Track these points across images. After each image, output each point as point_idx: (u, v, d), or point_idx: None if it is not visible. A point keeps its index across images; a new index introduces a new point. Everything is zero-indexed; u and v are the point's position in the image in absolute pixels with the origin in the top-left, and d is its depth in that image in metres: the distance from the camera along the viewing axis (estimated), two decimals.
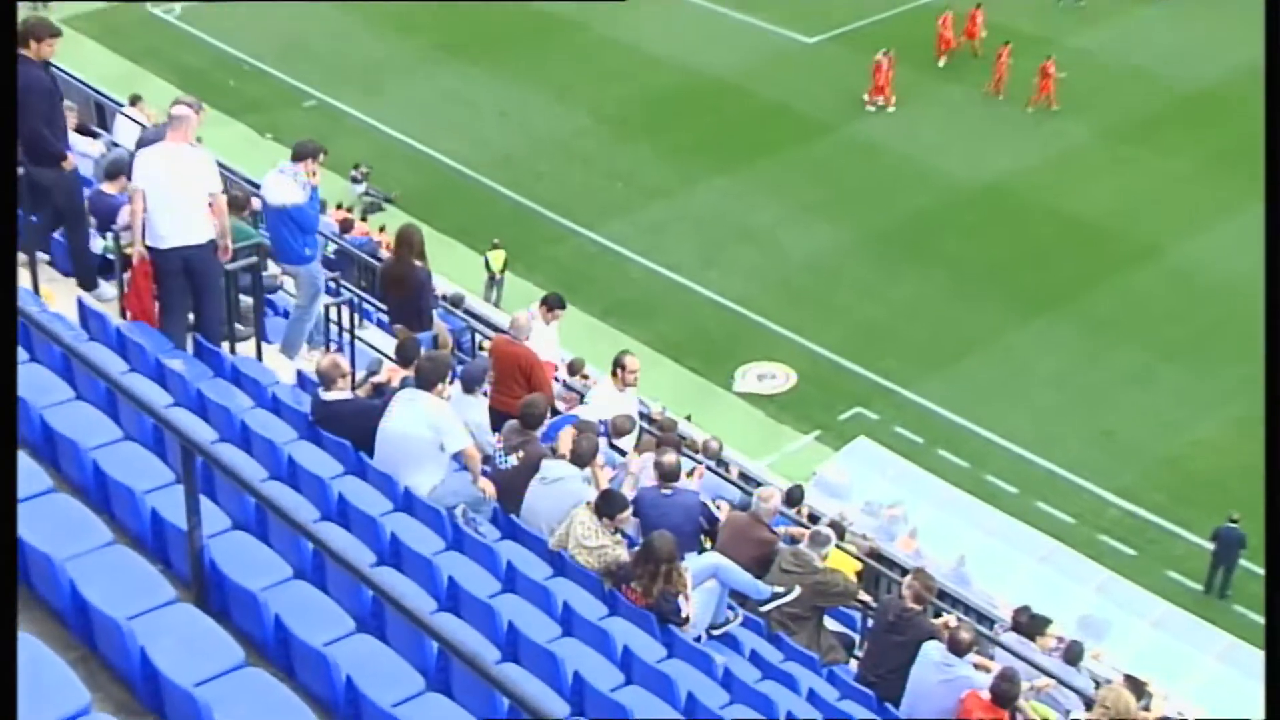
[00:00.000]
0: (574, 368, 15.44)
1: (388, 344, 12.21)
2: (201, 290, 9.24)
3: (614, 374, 11.33)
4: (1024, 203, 27.77)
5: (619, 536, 8.65)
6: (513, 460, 9.17)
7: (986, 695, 8.47)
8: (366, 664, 5.49)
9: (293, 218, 10.28)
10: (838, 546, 10.48)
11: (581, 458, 9.01)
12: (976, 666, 9.00)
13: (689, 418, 19.29)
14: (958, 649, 8.76)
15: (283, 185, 10.27)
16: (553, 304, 12.38)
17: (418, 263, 11.04)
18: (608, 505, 8.59)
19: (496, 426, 9.80)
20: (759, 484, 12.85)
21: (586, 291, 25.34)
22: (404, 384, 9.03)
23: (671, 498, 9.30)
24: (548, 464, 9.00)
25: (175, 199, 9.02)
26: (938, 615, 10.31)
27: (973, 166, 28.73)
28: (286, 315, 11.83)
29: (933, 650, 8.79)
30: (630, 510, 8.90)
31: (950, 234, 26.99)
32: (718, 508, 10.75)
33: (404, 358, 9.39)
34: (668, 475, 9.48)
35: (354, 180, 27.94)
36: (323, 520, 7.30)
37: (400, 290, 11.18)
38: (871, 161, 29.02)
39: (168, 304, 9.15)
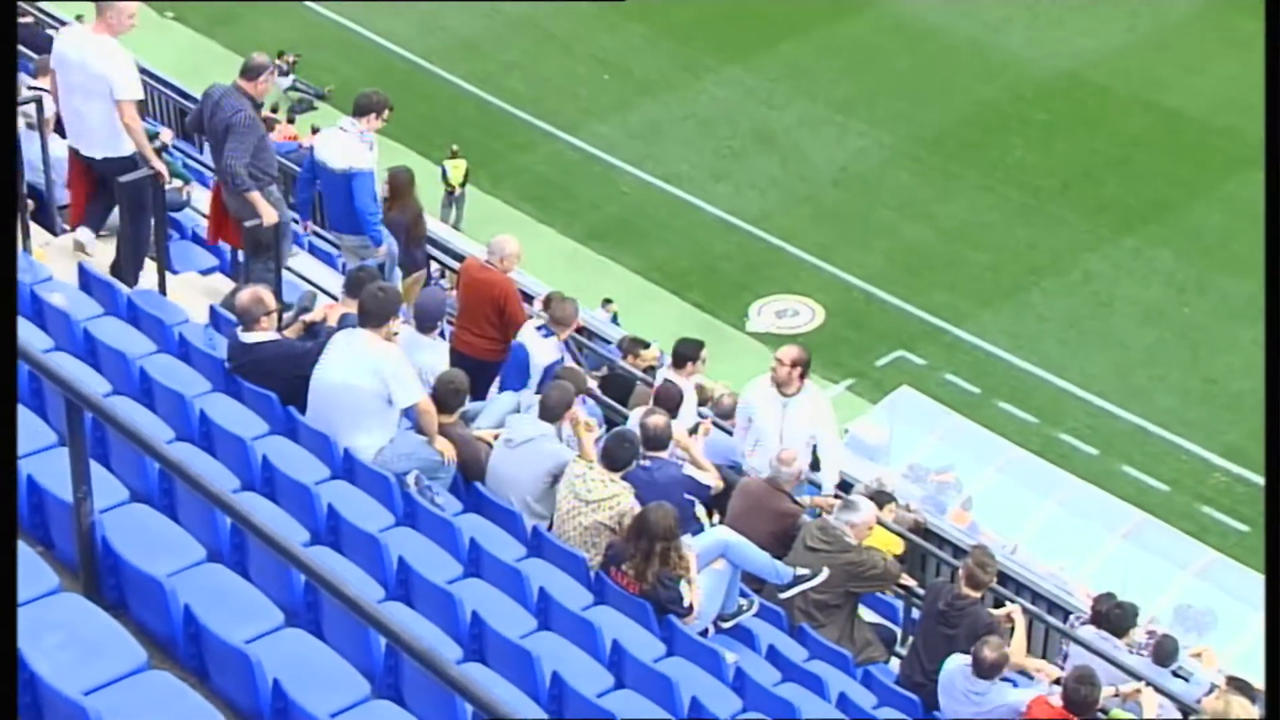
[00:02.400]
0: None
1: (323, 275, 12.18)
2: (123, 211, 9.50)
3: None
4: (1109, 95, 27.70)
5: (629, 485, 8.73)
6: None
7: (1057, 700, 8.56)
8: (298, 665, 5.53)
9: (362, 186, 10.78)
10: (876, 520, 10.52)
11: (550, 411, 9.04)
12: (1031, 673, 9.06)
13: None
14: (982, 670, 8.69)
15: (347, 146, 10.75)
16: (685, 356, 11.37)
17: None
18: (620, 449, 8.75)
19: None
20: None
21: (567, 209, 25.34)
22: (344, 322, 9.03)
23: (650, 472, 9.28)
24: (514, 421, 9.04)
25: (79, 98, 9.35)
26: (999, 604, 10.37)
27: (1045, 50, 28.61)
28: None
29: (956, 674, 8.81)
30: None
31: (1016, 135, 26.94)
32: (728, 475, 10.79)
33: (350, 290, 9.40)
34: (652, 442, 9.48)
35: (279, 73, 27.72)
36: (244, 490, 7.32)
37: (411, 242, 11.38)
38: (919, 46, 28.90)
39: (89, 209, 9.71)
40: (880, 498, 11.63)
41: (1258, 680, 13.27)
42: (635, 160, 26.47)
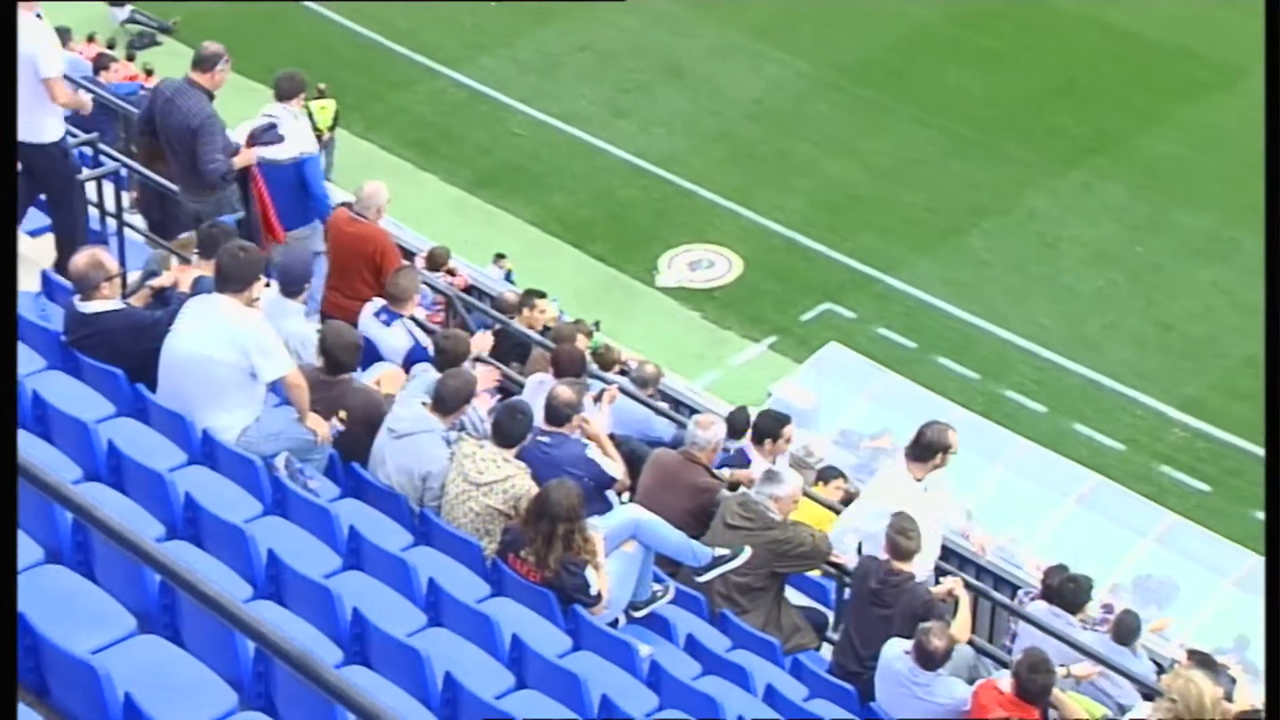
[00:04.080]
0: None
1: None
2: (51, 201, 9.88)
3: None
4: (1055, 15, 28.00)
5: (523, 465, 8.72)
6: (335, 427, 9.13)
7: (1007, 686, 8.67)
8: (154, 676, 5.50)
9: (313, 170, 11.13)
10: (803, 492, 10.60)
11: (444, 403, 8.96)
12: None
13: (597, 325, 19.33)
14: (928, 661, 8.73)
15: (290, 133, 11.01)
16: (765, 432, 10.94)
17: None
18: (512, 423, 8.73)
19: None
20: (693, 411, 12.92)
21: (452, 154, 25.21)
22: (198, 287, 8.94)
23: (548, 450, 9.28)
24: (402, 405, 8.97)
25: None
26: (942, 578, 10.48)
27: None
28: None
29: (896, 659, 8.90)
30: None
31: (953, 62, 27.15)
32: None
33: (205, 250, 9.32)
34: (553, 416, 9.46)
35: (118, 7, 27.30)
36: (87, 481, 7.25)
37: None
38: None
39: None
40: (801, 466, 11.72)
41: (1221, 653, 13.58)
42: (528, 98, 26.37)
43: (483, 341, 11.15)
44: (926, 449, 9.81)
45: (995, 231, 23.95)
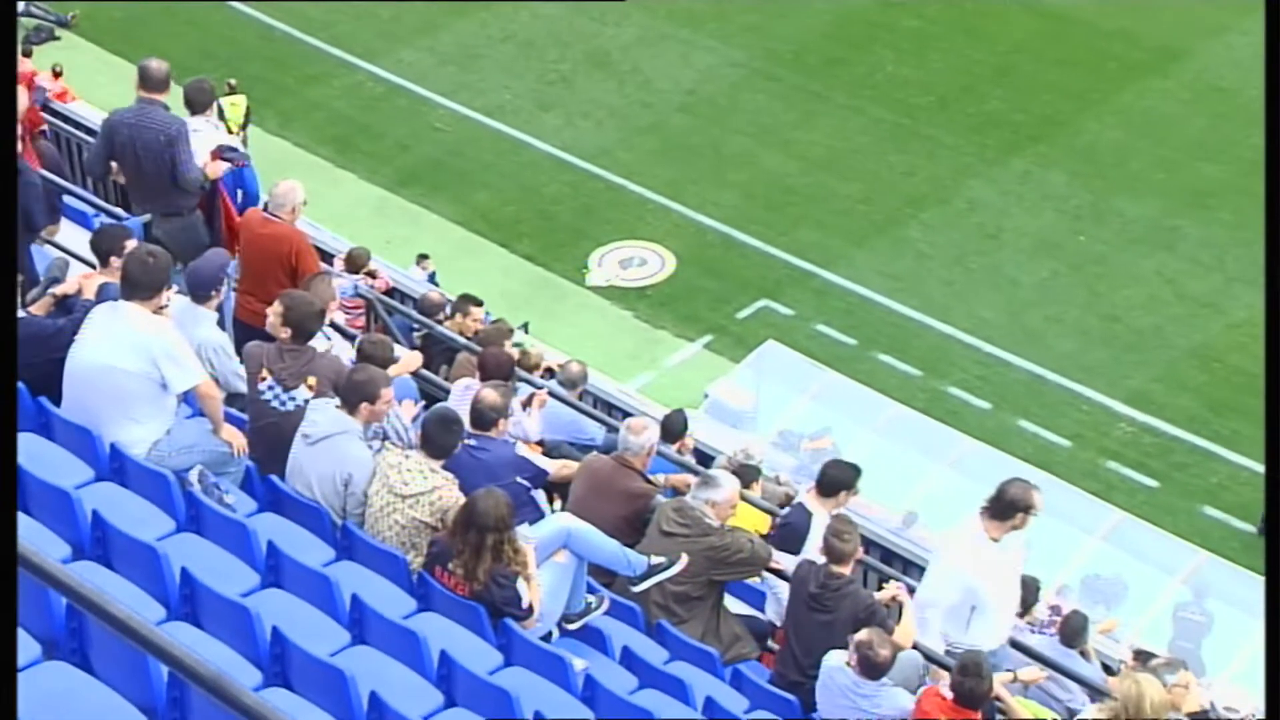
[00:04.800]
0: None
1: (76, 238, 11.91)
2: None
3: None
4: None
5: (451, 476, 8.70)
6: (300, 397, 9.08)
7: (948, 692, 8.73)
8: (61, 703, 5.45)
9: (246, 183, 11.54)
10: (740, 496, 10.63)
11: (348, 397, 8.91)
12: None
13: (526, 326, 19.31)
14: (873, 670, 8.75)
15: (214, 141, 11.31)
16: (839, 483, 10.70)
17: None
18: (444, 434, 8.72)
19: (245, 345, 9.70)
20: (627, 414, 12.93)
21: (371, 151, 25.11)
22: (103, 295, 8.87)
23: (477, 454, 9.28)
24: (315, 409, 8.92)
25: None
26: (884, 584, 10.55)
27: None
28: None
29: (837, 671, 8.91)
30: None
31: (885, 47, 27.30)
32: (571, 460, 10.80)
33: (103, 254, 9.26)
34: (480, 421, 9.47)
35: None
36: None
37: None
38: None
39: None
40: (745, 473, 11.73)
41: (1162, 649, 13.68)
42: (449, 91, 26.29)
43: (413, 361, 11.08)
44: (1008, 507, 9.47)
45: (934, 223, 24.10)
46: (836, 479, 10.59)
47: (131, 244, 9.11)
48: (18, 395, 5.49)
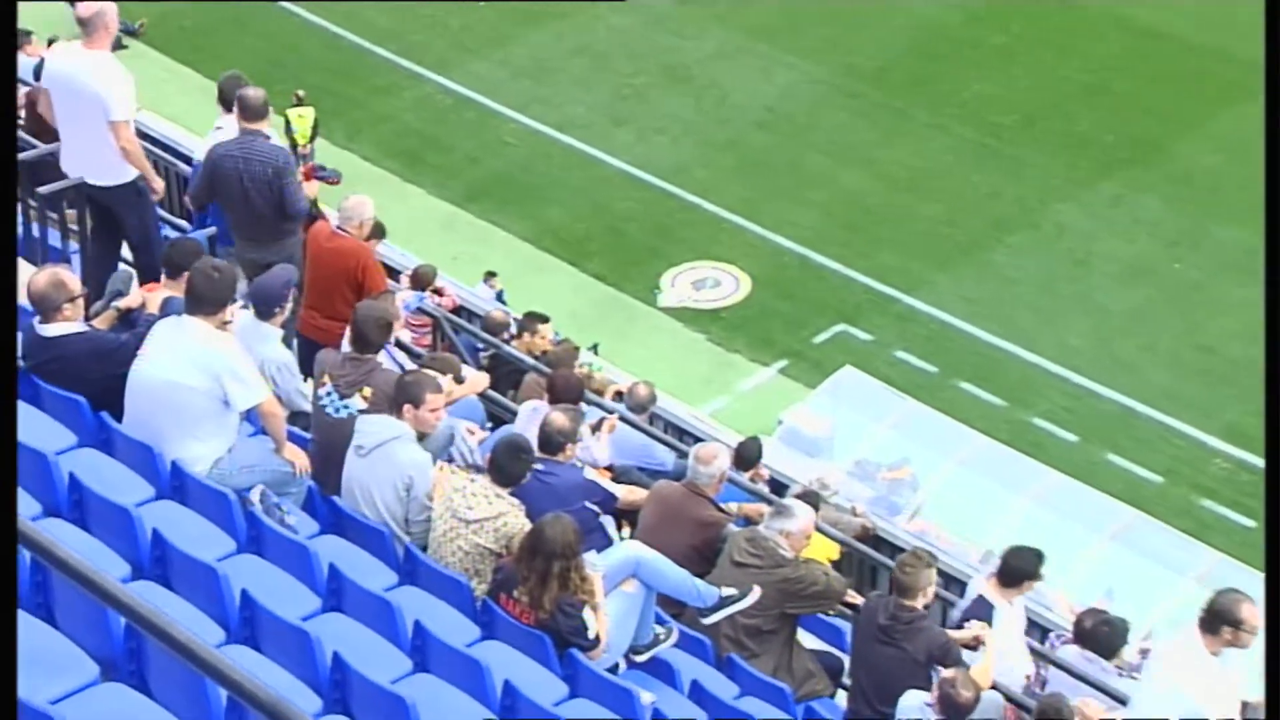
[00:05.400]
0: None
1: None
2: (132, 245, 10.60)
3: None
4: (1078, 12, 28.05)
5: (518, 501, 8.72)
6: (354, 406, 9.15)
7: None
8: None
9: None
10: (815, 527, 10.59)
11: (396, 397, 8.97)
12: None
13: (595, 348, 19.35)
14: (956, 713, 8.64)
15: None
16: (1022, 573, 10.27)
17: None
18: (513, 463, 8.72)
19: (309, 362, 9.77)
20: (698, 440, 12.93)
21: (440, 165, 25.24)
22: (167, 309, 8.95)
23: (546, 479, 9.30)
24: (366, 421, 8.95)
25: (77, 124, 10.48)
26: (966, 623, 10.45)
27: None
28: None
29: (916, 711, 8.77)
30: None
31: (971, 64, 27.19)
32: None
33: (174, 268, 9.37)
34: (548, 444, 9.49)
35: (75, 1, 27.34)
36: (46, 517, 7.24)
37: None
38: None
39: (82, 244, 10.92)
40: (813, 499, 11.70)
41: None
42: (520, 104, 26.42)
43: (479, 381, 11.11)
44: (1213, 619, 8.92)
45: (1021, 247, 23.96)
46: (1019, 569, 10.20)
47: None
48: (17, 381, 5.55)
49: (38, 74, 16.64)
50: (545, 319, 14.76)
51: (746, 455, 12.75)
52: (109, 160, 10.56)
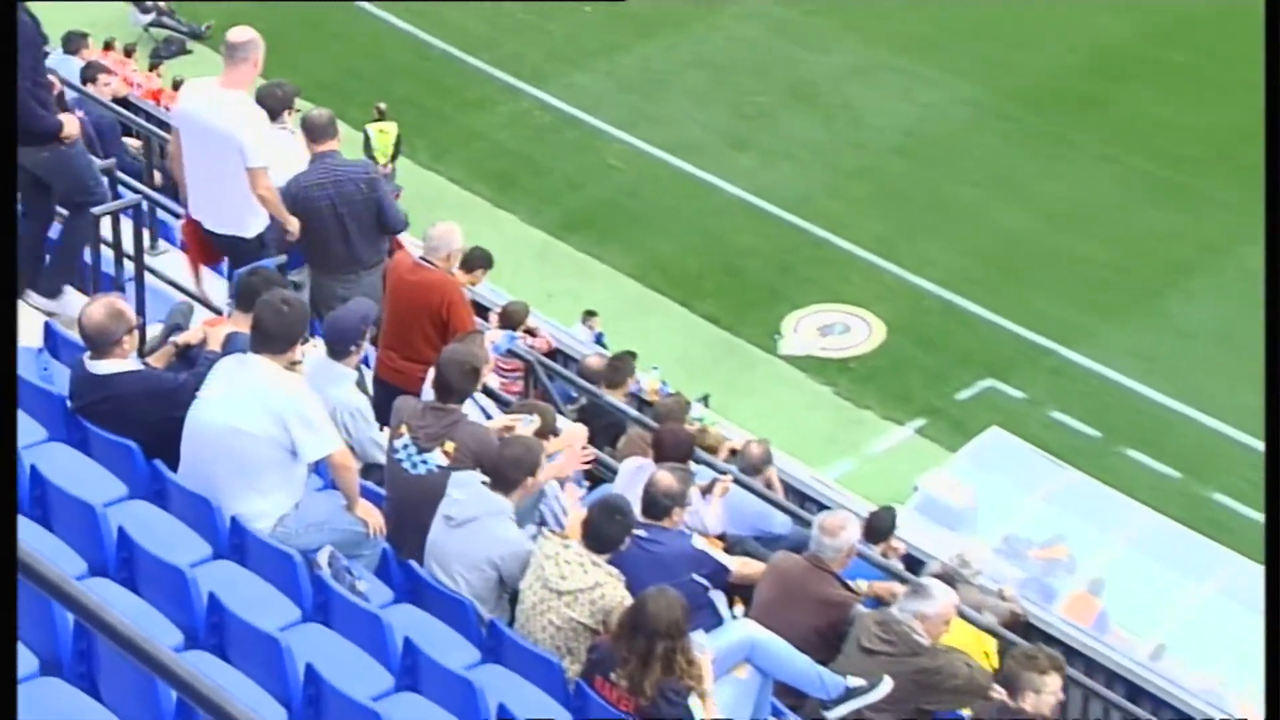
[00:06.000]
0: None
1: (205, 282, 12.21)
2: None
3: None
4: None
5: (616, 571, 8.75)
6: (433, 462, 9.20)
7: None
8: None
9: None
10: (955, 610, 10.55)
11: (503, 476, 9.02)
12: None
13: (706, 399, 19.38)
14: None
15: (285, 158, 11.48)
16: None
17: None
18: (609, 525, 8.73)
19: (386, 409, 9.88)
20: (822, 507, 12.91)
21: (536, 190, 25.40)
22: (230, 346, 9.06)
23: (650, 547, 9.32)
24: (457, 485, 8.96)
25: (204, 164, 10.85)
26: None
27: None
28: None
29: None
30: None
31: (1147, 84, 27.02)
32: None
33: (246, 299, 9.43)
34: (652, 508, 9.53)
35: (141, 8, 27.83)
36: (93, 576, 7.32)
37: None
38: None
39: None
40: (948, 577, 11.65)
41: None
42: (627, 122, 26.57)
43: (577, 435, 11.08)
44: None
45: (1201, 294, 23.75)
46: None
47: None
48: (17, 401, 5.66)
49: (85, 78, 17.05)
50: (632, 357, 14.90)
51: (878, 526, 12.71)
52: (237, 209, 10.94)
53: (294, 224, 11.23)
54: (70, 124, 10.68)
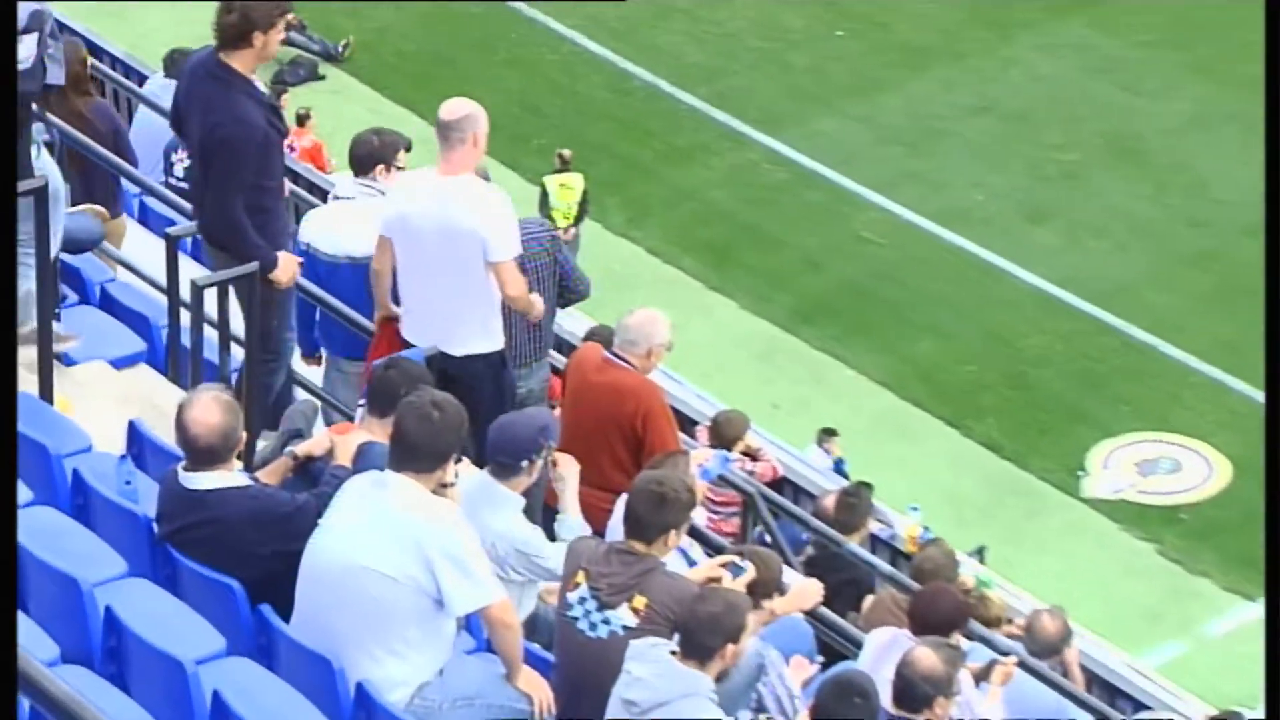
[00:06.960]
0: None
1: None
2: (477, 410, 10.44)
3: None
4: None
5: None
6: (618, 621, 9.20)
7: None
8: None
9: None
10: None
11: (697, 642, 8.87)
12: None
13: (981, 553, 19.29)
14: None
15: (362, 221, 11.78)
16: None
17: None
18: (840, 705, 8.74)
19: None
20: (1139, 705, 12.80)
21: (762, 266, 25.41)
22: (364, 460, 9.15)
23: None
24: (637, 656, 8.86)
25: (430, 273, 11.05)
26: None
27: None
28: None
29: None
30: None
31: None
32: None
33: (385, 400, 9.49)
34: (908, 696, 9.49)
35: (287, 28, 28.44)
36: None
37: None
38: None
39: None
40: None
41: None
42: (887, 183, 26.62)
43: (809, 594, 10.99)
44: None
45: None
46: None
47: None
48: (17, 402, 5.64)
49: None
50: (869, 488, 14.96)
51: None
52: (472, 322, 11.13)
53: (539, 307, 11.42)
54: (287, 268, 11.11)
